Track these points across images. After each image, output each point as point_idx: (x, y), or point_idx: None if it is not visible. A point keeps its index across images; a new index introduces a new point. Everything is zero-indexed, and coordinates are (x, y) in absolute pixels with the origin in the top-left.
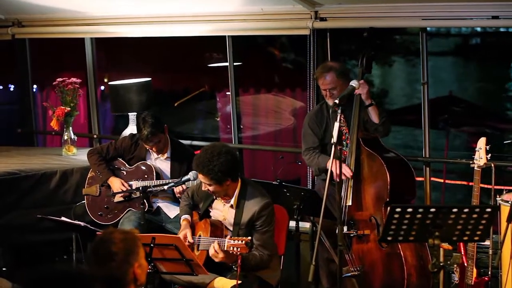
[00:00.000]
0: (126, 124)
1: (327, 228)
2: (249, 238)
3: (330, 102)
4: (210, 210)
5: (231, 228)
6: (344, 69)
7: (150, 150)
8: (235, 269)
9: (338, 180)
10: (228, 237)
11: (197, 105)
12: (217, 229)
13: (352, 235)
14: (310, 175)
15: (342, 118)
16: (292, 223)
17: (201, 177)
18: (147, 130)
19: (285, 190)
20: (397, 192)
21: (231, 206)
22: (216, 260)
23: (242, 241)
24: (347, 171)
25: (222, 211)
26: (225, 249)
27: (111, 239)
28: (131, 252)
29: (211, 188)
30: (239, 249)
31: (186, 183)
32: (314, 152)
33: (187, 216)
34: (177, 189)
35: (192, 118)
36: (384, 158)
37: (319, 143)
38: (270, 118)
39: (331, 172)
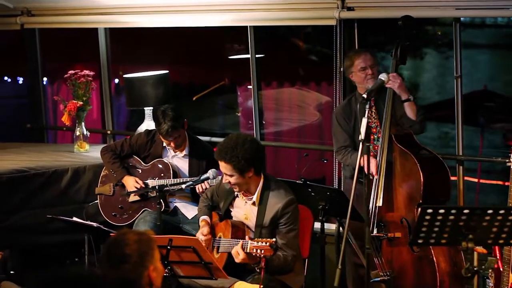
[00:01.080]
0: (141, 120)
1: (355, 230)
2: (274, 240)
3: (370, 83)
4: (231, 209)
5: (253, 229)
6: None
7: (167, 147)
8: (258, 271)
9: (368, 174)
10: (251, 238)
11: (216, 99)
12: (239, 230)
13: (382, 238)
14: (336, 174)
15: (373, 110)
16: (317, 225)
17: (222, 165)
18: (168, 124)
19: (309, 190)
20: (431, 193)
21: (253, 204)
22: (237, 260)
23: (266, 243)
24: (372, 170)
25: (244, 209)
26: (248, 251)
27: (125, 240)
28: (145, 254)
29: (232, 180)
30: (263, 251)
31: (205, 181)
32: (346, 151)
33: (206, 217)
34: (200, 187)
35: (211, 113)
36: (417, 156)
37: (350, 141)
38: (294, 113)
39: (360, 169)
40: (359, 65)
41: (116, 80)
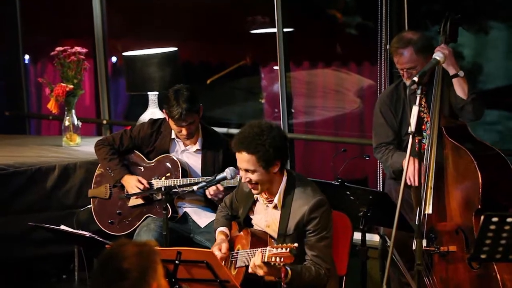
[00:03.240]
0: (144, 107)
1: (402, 243)
2: (295, 244)
3: (408, 83)
4: (251, 216)
5: (276, 236)
6: (426, 42)
7: (176, 140)
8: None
9: (415, 184)
10: (270, 242)
11: (235, 83)
12: (260, 241)
13: (433, 252)
14: (381, 174)
15: (423, 103)
16: (357, 235)
17: (243, 158)
18: (183, 105)
19: (348, 193)
20: (492, 197)
21: (275, 207)
22: (259, 274)
23: (286, 249)
24: (411, 176)
25: (265, 215)
26: (266, 260)
27: (123, 253)
28: (147, 269)
29: (254, 177)
30: (282, 259)
31: (221, 183)
32: (388, 149)
33: (224, 229)
34: (210, 190)
35: (229, 99)
36: (474, 153)
37: (394, 136)
38: (329, 100)
39: (406, 171)
40: (396, 63)
41: (114, 59)
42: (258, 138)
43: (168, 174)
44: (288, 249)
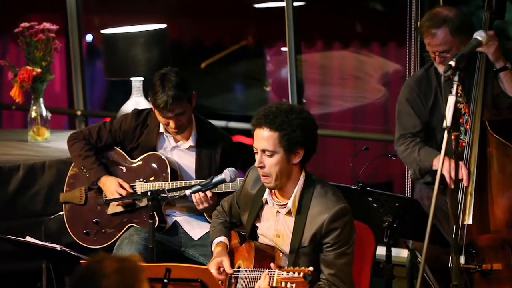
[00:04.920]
0: (126, 96)
1: (435, 259)
2: (310, 268)
3: (441, 69)
4: (257, 224)
5: (287, 249)
6: (464, 20)
7: (165, 135)
8: None
9: (452, 186)
10: (280, 267)
11: (235, 66)
12: (265, 257)
13: (473, 270)
14: (409, 176)
15: (459, 91)
16: (381, 250)
17: (263, 136)
18: (169, 92)
19: (370, 199)
20: None
21: (289, 213)
22: None
23: (299, 273)
24: (465, 175)
25: (275, 222)
26: (274, 285)
27: (101, 269)
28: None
29: (269, 162)
30: (294, 285)
31: (218, 186)
32: (413, 142)
33: (223, 239)
34: (196, 197)
35: (228, 87)
36: None
37: (421, 128)
38: (347, 88)
39: (442, 173)
40: (427, 45)
41: (90, 38)
42: (285, 116)
43: (155, 176)
44: (302, 273)
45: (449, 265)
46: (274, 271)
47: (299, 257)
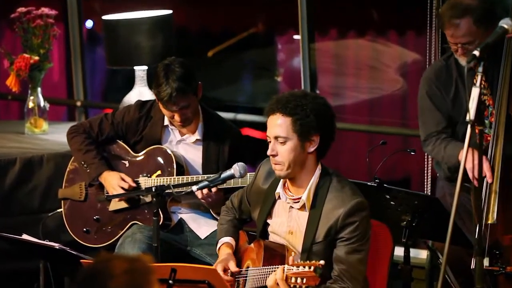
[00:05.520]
0: (129, 86)
1: (456, 260)
2: (321, 262)
3: (462, 61)
4: (268, 221)
5: (300, 247)
6: (487, 8)
7: (170, 128)
8: None
9: (475, 183)
10: (291, 260)
11: (244, 55)
12: (275, 256)
13: (497, 272)
14: (430, 172)
15: (483, 81)
16: (399, 251)
17: (277, 121)
18: (174, 84)
19: (388, 197)
20: None
21: (303, 207)
22: None
23: (309, 267)
24: (488, 171)
25: (288, 218)
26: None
27: (109, 270)
28: None
29: (283, 149)
30: (304, 280)
31: (226, 182)
32: (439, 139)
33: (229, 240)
34: (199, 194)
35: (236, 77)
36: None
37: (446, 123)
38: (363, 79)
39: (464, 169)
40: (448, 37)
41: (90, 24)
42: (299, 100)
43: (160, 171)
44: (313, 267)
45: (472, 267)
46: (284, 267)
47: (312, 256)
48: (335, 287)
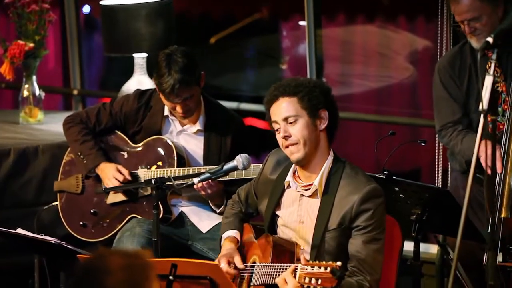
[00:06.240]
0: (128, 74)
1: (468, 256)
2: (338, 263)
3: (473, 42)
4: (277, 212)
5: (311, 236)
6: None
7: (171, 118)
8: None
9: (488, 171)
10: (302, 258)
11: (247, 42)
12: (284, 253)
13: (510, 268)
14: (441, 164)
15: (497, 68)
16: (408, 245)
17: (282, 104)
18: (176, 76)
19: (397, 189)
20: None
21: (314, 195)
22: None
23: (325, 268)
24: (498, 161)
25: (299, 207)
26: (297, 280)
27: (106, 266)
28: (138, 287)
29: (296, 129)
30: (319, 282)
31: (229, 174)
32: (455, 131)
33: (234, 233)
34: (199, 185)
35: (239, 64)
36: None
37: (462, 113)
38: (371, 66)
39: (477, 159)
40: (454, 14)
41: (87, 9)
42: (298, 80)
43: (160, 163)
44: (329, 268)
45: (484, 263)
46: (297, 266)
47: (323, 248)
48: (351, 281)
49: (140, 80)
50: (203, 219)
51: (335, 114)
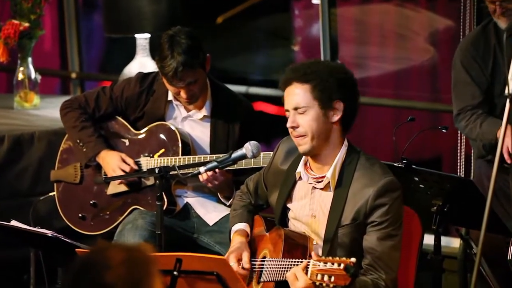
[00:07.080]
0: (130, 56)
1: (492, 250)
2: (352, 259)
3: (502, 22)
4: (288, 205)
5: (323, 231)
6: None
7: (175, 103)
8: None
9: (508, 161)
10: (314, 254)
11: (257, 22)
12: (297, 248)
13: None
14: (463, 152)
15: None
16: (429, 239)
17: (294, 90)
18: (179, 58)
19: (416, 179)
20: None
21: (327, 187)
22: None
23: (339, 264)
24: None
25: (311, 200)
26: (309, 277)
27: (106, 260)
28: (139, 283)
29: (304, 120)
30: (332, 279)
31: (237, 163)
32: (475, 114)
33: (243, 226)
34: (204, 176)
35: (248, 46)
36: None
37: (483, 98)
38: (389, 48)
39: (501, 147)
40: None
41: None
42: (315, 66)
43: (164, 150)
44: (343, 265)
45: (509, 258)
46: (309, 262)
47: (336, 243)
48: (366, 280)
49: (142, 63)
50: (209, 211)
51: (353, 106)
